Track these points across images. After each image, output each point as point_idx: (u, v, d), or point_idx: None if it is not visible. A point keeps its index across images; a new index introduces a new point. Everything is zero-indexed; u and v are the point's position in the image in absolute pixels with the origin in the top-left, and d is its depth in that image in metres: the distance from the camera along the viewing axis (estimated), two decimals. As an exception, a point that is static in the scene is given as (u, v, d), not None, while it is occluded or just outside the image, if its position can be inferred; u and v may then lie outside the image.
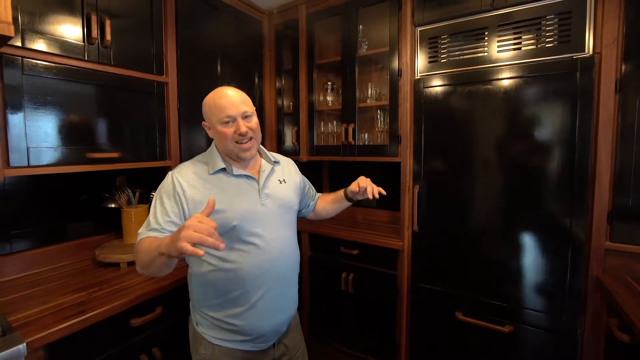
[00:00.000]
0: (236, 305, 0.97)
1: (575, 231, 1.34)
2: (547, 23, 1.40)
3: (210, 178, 1.01)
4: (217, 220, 0.84)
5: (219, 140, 1.03)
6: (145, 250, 0.86)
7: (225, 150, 1.03)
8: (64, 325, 0.98)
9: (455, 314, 1.61)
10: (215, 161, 1.03)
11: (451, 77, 1.58)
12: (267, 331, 1.01)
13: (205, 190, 0.98)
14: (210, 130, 1.05)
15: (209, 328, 1.00)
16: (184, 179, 0.98)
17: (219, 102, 1.00)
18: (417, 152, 1.70)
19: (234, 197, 1.00)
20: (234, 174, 1.03)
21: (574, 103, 1.33)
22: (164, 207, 0.95)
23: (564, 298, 1.38)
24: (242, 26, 2.04)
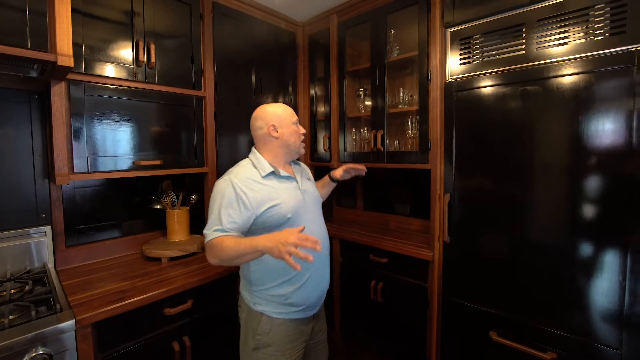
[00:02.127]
0: (292, 283, 1.19)
1: (634, 250, 1.16)
2: (596, 14, 1.24)
3: (263, 180, 1.19)
4: (276, 214, 1.14)
5: (291, 137, 1.26)
6: (233, 247, 1.03)
7: (291, 147, 1.26)
8: (107, 308, 1.14)
9: (489, 334, 1.49)
10: (264, 166, 1.21)
11: (486, 78, 1.48)
12: (313, 301, 1.25)
13: (263, 191, 1.16)
14: (280, 130, 1.24)
15: (269, 305, 1.19)
16: (243, 184, 1.14)
17: (288, 109, 1.29)
18: (448, 159, 1.61)
19: (284, 194, 1.19)
20: (282, 176, 1.23)
21: (631, 103, 1.15)
22: (228, 212, 1.10)
23: (619, 328, 1.19)
24: (277, 38, 2.15)
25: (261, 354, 1.18)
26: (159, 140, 1.59)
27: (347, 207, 2.48)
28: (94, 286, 1.32)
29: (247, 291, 1.25)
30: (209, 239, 1.09)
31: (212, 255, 1.08)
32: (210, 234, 1.10)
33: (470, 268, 1.56)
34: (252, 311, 1.21)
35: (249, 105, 1.99)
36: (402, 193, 2.19)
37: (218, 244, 1.06)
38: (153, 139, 1.56)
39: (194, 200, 1.83)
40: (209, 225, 1.11)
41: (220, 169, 1.82)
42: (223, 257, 1.06)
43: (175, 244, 1.69)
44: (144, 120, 1.53)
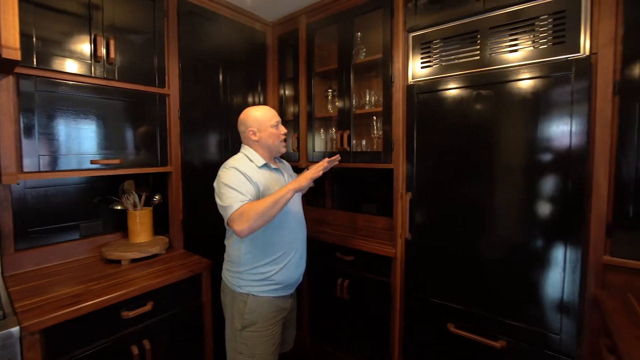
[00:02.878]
0: (278, 263, 1.33)
1: (572, 244, 1.26)
2: (540, 24, 1.34)
3: (260, 170, 1.33)
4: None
5: (270, 139, 1.37)
6: (266, 198, 1.18)
7: (271, 146, 1.39)
8: (57, 313, 1.10)
9: (447, 326, 1.56)
10: (258, 159, 1.35)
11: (444, 82, 1.55)
12: (294, 280, 1.40)
13: (261, 179, 1.30)
14: (258, 134, 1.36)
15: (254, 286, 1.31)
16: (246, 170, 1.27)
17: (269, 113, 1.40)
18: (409, 159, 1.67)
19: (277, 185, 1.33)
20: (272, 168, 1.39)
21: (570, 107, 1.25)
22: (243, 187, 1.22)
23: (560, 315, 1.29)
24: (246, 37, 2.14)
25: (248, 332, 1.29)
26: (120, 138, 1.54)
27: (316, 206, 2.51)
28: (46, 291, 1.26)
29: (231, 275, 1.35)
30: (237, 207, 1.16)
31: (243, 220, 1.14)
32: (235, 203, 1.17)
33: (430, 264, 1.62)
34: (237, 293, 1.32)
35: (217, 105, 1.98)
36: (369, 192, 2.24)
37: (247, 208, 1.16)
38: (113, 137, 1.51)
39: (157, 201, 1.78)
40: (231, 199, 1.18)
41: (185, 168, 1.79)
42: (259, 212, 1.14)
43: (137, 246, 1.64)
44: (104, 117, 1.48)
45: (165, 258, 1.64)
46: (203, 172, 1.88)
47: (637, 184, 1.16)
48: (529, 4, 1.35)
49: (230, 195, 1.20)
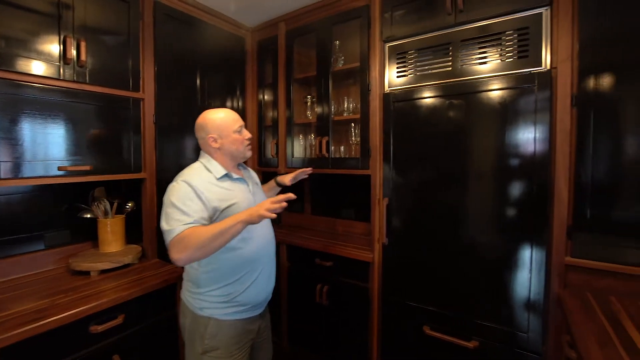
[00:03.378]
0: (242, 282, 1.21)
1: (537, 246, 1.33)
2: (506, 39, 1.42)
3: (218, 182, 1.21)
4: (230, 214, 1.13)
5: (233, 145, 1.26)
6: (211, 228, 1.04)
7: (236, 153, 1.28)
8: (17, 331, 1.03)
9: (423, 328, 1.60)
10: (217, 169, 1.23)
11: (418, 91, 1.61)
12: (261, 300, 1.28)
13: (218, 192, 1.18)
14: (220, 140, 1.25)
15: (217, 308, 1.19)
16: (197, 184, 1.14)
17: (230, 117, 1.28)
18: (386, 166, 1.72)
19: (238, 196, 1.23)
20: (235, 178, 1.26)
21: (534, 117, 1.33)
22: (191, 206, 1.09)
23: (527, 315, 1.36)
24: (225, 42, 2.12)
25: (209, 358, 1.18)
26: (90, 143, 1.48)
27: (295, 212, 2.51)
28: (6, 307, 1.18)
29: (191, 296, 1.23)
30: (177, 232, 1.04)
31: (181, 248, 1.02)
32: (178, 227, 1.04)
33: (406, 268, 1.66)
34: (198, 316, 1.20)
35: (194, 109, 1.94)
36: (348, 198, 2.27)
37: (189, 233, 1.03)
38: (83, 142, 1.45)
39: (130, 208, 1.72)
40: (173, 221, 1.06)
41: (160, 174, 1.74)
42: (198, 244, 1.01)
43: (108, 256, 1.58)
44: (73, 122, 1.42)
45: (138, 268, 1.58)
46: (179, 179, 1.84)
47: (593, 188, 1.25)
48: (496, 19, 1.43)
49: (174, 216, 1.07)
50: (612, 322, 1.05)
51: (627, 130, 1.19)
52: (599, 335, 0.98)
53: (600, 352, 0.89)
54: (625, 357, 0.87)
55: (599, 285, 1.26)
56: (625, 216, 1.20)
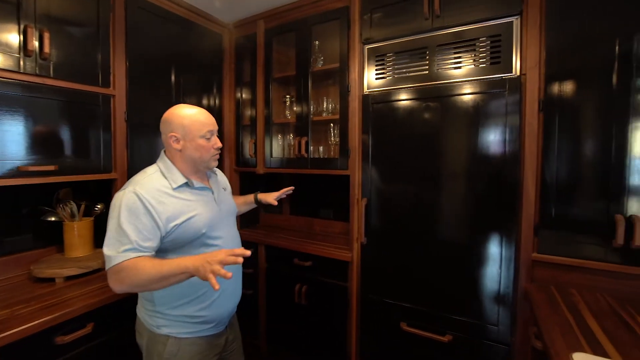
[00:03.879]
0: (203, 300, 1.09)
1: (507, 243, 1.40)
2: (480, 45, 1.48)
3: (175, 192, 1.06)
4: (190, 229, 1.04)
5: (196, 152, 1.10)
6: (152, 268, 0.90)
7: (198, 161, 1.11)
8: (-26, 345, 0.95)
9: (400, 325, 1.64)
10: (175, 176, 1.08)
11: (397, 93, 1.64)
12: (225, 315, 1.18)
13: (174, 205, 1.04)
14: (182, 142, 1.09)
15: (176, 326, 1.08)
16: (150, 196, 1.00)
17: (202, 119, 1.11)
18: (365, 166, 1.74)
19: (199, 207, 1.09)
20: (195, 187, 1.12)
21: (504, 120, 1.40)
22: (136, 226, 0.95)
23: (497, 308, 1.43)
24: (201, 39, 2.06)
25: None
26: (56, 142, 1.38)
27: (273, 213, 2.49)
28: (-41, 318, 1.09)
29: (147, 314, 1.11)
30: (115, 261, 0.92)
31: (119, 280, 0.92)
32: (116, 255, 0.92)
33: (384, 266, 1.70)
34: (155, 334, 1.08)
35: (168, 107, 1.84)
36: (326, 197, 2.28)
37: (130, 267, 0.91)
38: (47, 141, 1.36)
39: (99, 210, 1.63)
40: (113, 246, 0.94)
41: (132, 174, 1.65)
42: (136, 282, 0.91)
43: (75, 261, 1.49)
44: (36, 118, 1.32)
45: (108, 273, 1.50)
46: (152, 179, 1.76)
47: (557, 188, 1.34)
48: (471, 26, 1.48)
49: (114, 238, 0.94)
50: (574, 313, 1.13)
51: (585, 134, 1.28)
52: (561, 326, 1.05)
53: (563, 341, 0.96)
54: (584, 344, 0.94)
55: (563, 279, 1.35)
56: (583, 214, 1.29)
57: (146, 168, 1.12)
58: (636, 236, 1.17)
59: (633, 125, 1.20)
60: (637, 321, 1.06)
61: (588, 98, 1.28)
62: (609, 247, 1.24)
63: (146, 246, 0.96)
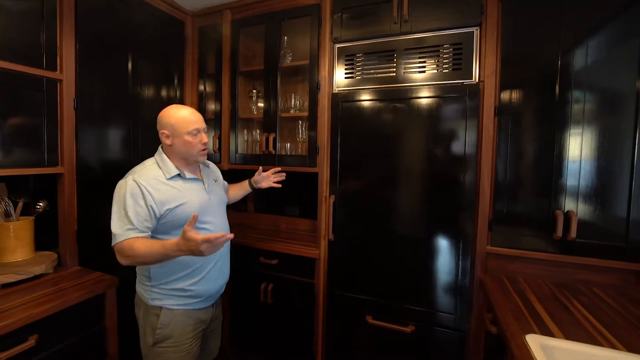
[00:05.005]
0: (194, 276, 1.24)
1: (465, 237, 1.51)
2: (444, 51, 1.57)
3: (169, 182, 1.20)
4: (182, 213, 1.18)
5: (183, 147, 1.23)
6: (143, 251, 1.06)
7: (186, 155, 1.25)
8: None
9: (366, 318, 1.69)
10: (169, 168, 1.22)
11: (366, 93, 1.68)
12: (214, 292, 1.33)
13: (167, 192, 1.18)
14: (171, 138, 1.23)
15: (169, 299, 1.21)
16: (148, 184, 1.15)
17: (188, 117, 1.23)
18: (333, 163, 1.76)
19: (189, 195, 1.23)
20: (187, 178, 1.26)
21: (464, 123, 1.51)
22: (136, 210, 1.11)
23: (455, 298, 1.54)
24: (161, 25, 1.93)
25: (161, 348, 1.21)
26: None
27: (237, 211, 2.42)
28: None
29: (143, 287, 1.25)
30: (119, 239, 1.09)
31: (125, 255, 1.09)
32: (121, 233, 1.09)
33: (350, 262, 1.74)
34: (150, 306, 1.22)
35: (123, 96, 1.73)
36: (292, 195, 2.27)
37: (127, 247, 1.07)
38: (-24, 128, 1.18)
39: (41, 208, 1.46)
40: (118, 225, 1.11)
41: (81, 169, 1.51)
42: (139, 258, 1.07)
43: (11, 266, 1.31)
44: (-40, 102, 1.14)
45: (53, 278, 1.36)
46: (104, 174, 1.62)
47: (508, 187, 1.47)
48: (436, 33, 1.57)
49: (119, 220, 1.11)
50: (522, 299, 1.26)
51: (532, 138, 1.43)
52: (514, 311, 1.16)
53: (517, 325, 1.06)
54: (534, 326, 1.05)
55: (511, 268, 1.49)
56: (529, 211, 1.44)
57: (145, 160, 1.26)
58: (572, 229, 1.33)
59: (571, 132, 1.36)
60: (573, 304, 1.21)
61: (535, 106, 1.43)
62: (550, 239, 1.40)
63: (145, 226, 1.12)
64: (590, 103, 1.33)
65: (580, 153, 1.35)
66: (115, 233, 1.10)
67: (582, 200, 1.35)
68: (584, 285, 1.36)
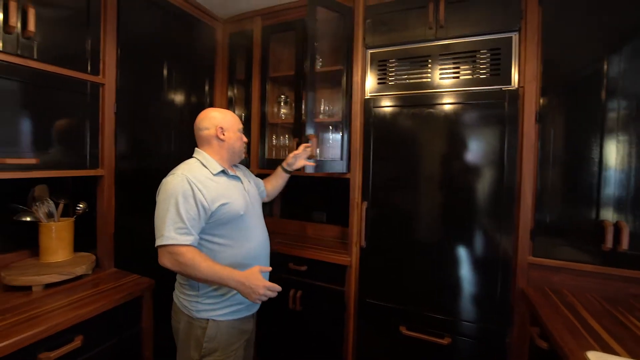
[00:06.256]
0: None
1: (504, 247, 1.47)
2: (480, 57, 1.55)
3: (215, 178, 1.19)
4: (229, 211, 1.16)
5: (236, 142, 1.27)
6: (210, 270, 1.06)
7: (236, 150, 1.28)
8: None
9: (399, 329, 1.65)
10: (214, 165, 1.22)
11: (398, 98, 1.67)
12: None
13: (216, 188, 1.17)
14: (226, 133, 1.25)
15: (215, 309, 1.18)
16: (197, 180, 1.13)
17: (235, 117, 1.31)
18: (365, 169, 1.74)
19: (233, 192, 1.22)
20: (230, 175, 1.26)
21: (503, 130, 1.47)
22: (187, 210, 1.08)
23: (494, 309, 1.48)
24: (195, 31, 1.96)
25: None
26: (37, 132, 1.23)
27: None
28: None
29: (186, 299, 1.19)
30: (172, 242, 1.05)
31: (172, 261, 1.06)
32: (174, 236, 1.05)
33: (383, 270, 1.70)
34: (194, 319, 1.17)
35: (158, 100, 1.75)
36: (319, 201, 2.25)
37: (187, 256, 1.05)
38: (27, 130, 1.20)
39: (81, 210, 1.48)
40: (169, 225, 1.06)
41: (120, 172, 1.53)
42: (187, 271, 1.06)
43: (53, 266, 1.33)
44: (13, 105, 1.17)
45: (93, 280, 1.36)
46: (139, 178, 1.63)
47: (551, 196, 1.42)
48: (473, 38, 1.55)
49: (169, 220, 1.06)
50: (573, 313, 1.20)
51: (571, 144, 1.39)
52: (567, 326, 1.11)
53: (574, 341, 1.01)
54: (592, 342, 1.00)
55: (554, 280, 1.43)
56: (575, 220, 1.39)
57: (186, 160, 1.23)
58: (623, 240, 1.27)
59: (619, 139, 1.31)
60: (629, 319, 1.15)
61: (579, 111, 1.39)
62: (598, 250, 1.34)
63: (195, 227, 1.10)
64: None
65: (630, 161, 1.30)
66: (166, 234, 1.05)
67: (631, 210, 1.30)
68: (638, 301, 1.29)
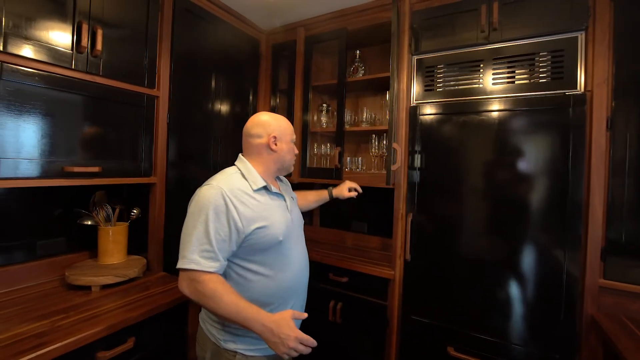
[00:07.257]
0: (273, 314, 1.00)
1: (569, 267, 1.32)
2: (540, 60, 1.44)
3: (255, 194, 1.04)
4: (267, 235, 1.01)
5: (288, 153, 1.15)
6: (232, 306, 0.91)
7: (285, 163, 1.15)
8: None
9: (447, 349, 1.54)
10: (256, 178, 1.07)
11: (446, 106, 1.59)
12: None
13: (254, 207, 1.02)
14: (279, 144, 1.12)
15: (244, 342, 1.03)
16: (233, 195, 0.98)
17: (290, 126, 1.19)
18: (411, 180, 1.67)
19: (275, 213, 1.07)
20: (273, 192, 1.10)
21: (567, 138, 1.34)
22: (217, 230, 0.95)
23: (557, 336, 1.34)
24: (240, 43, 2.03)
25: None
26: (100, 143, 1.32)
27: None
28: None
29: (214, 325, 1.06)
30: (195, 267, 0.92)
31: (193, 289, 0.93)
32: (198, 260, 0.92)
33: (429, 285, 1.61)
34: (221, 349, 1.03)
35: (206, 111, 1.82)
36: (360, 210, 2.20)
37: (209, 285, 0.91)
38: (92, 141, 1.30)
39: (135, 215, 1.56)
40: (194, 245, 0.93)
41: (169, 180, 1.60)
42: (206, 303, 0.92)
43: (110, 268, 1.41)
44: (81, 118, 1.26)
45: (144, 282, 1.42)
46: (186, 186, 1.69)
47: (626, 212, 1.27)
48: (530, 40, 1.44)
49: (194, 238, 0.93)
50: (660, 348, 1.04)
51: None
52: (654, 363, 0.96)
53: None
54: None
55: (632, 307, 1.26)
56: (657, 239, 1.22)
57: (225, 169, 1.10)
58: None
59: None
60: None
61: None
62: (688, 275, 1.17)
63: (224, 250, 0.96)
64: None
65: None
66: (188, 256, 0.92)
67: None
68: None
